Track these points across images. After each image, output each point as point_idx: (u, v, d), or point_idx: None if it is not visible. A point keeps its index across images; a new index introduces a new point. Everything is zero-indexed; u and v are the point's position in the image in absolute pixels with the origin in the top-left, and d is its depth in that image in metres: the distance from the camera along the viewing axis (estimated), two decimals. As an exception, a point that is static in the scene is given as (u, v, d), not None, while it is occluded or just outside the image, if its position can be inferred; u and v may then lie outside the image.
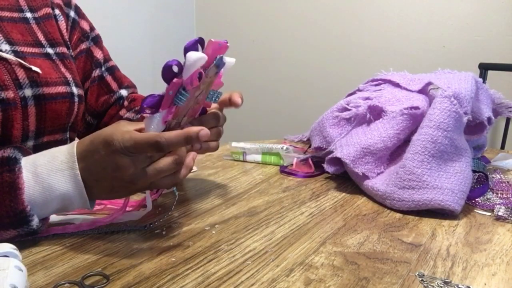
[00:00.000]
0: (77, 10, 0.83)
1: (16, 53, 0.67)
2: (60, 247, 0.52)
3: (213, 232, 0.57)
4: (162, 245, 0.53)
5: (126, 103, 0.85)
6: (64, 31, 0.78)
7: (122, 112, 0.84)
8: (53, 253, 0.51)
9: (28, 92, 0.65)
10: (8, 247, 0.42)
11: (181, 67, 0.51)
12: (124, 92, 0.85)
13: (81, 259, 0.50)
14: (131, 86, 0.88)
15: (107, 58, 0.85)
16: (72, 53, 0.80)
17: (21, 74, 0.65)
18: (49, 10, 0.76)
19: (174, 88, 0.51)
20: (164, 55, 2.25)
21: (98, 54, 0.83)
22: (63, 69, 0.74)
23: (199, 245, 0.53)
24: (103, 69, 0.83)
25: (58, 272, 0.47)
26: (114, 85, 0.84)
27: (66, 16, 0.79)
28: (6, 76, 0.63)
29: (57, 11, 0.77)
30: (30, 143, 0.67)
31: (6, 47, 0.66)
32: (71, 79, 0.73)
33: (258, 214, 0.63)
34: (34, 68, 0.67)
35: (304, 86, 2.17)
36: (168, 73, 0.51)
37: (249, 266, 0.49)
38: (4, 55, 0.64)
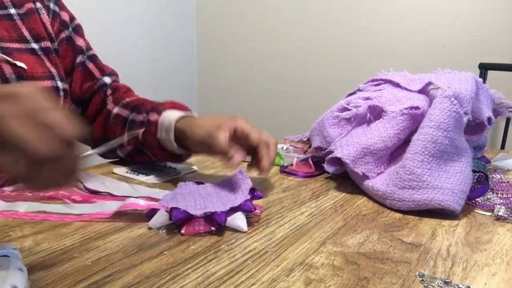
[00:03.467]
0: (57, 1, 0.83)
1: (1, 49, 0.69)
2: (60, 247, 0.52)
3: (213, 232, 0.57)
4: (162, 245, 0.53)
5: (109, 91, 0.85)
6: (47, 23, 0.79)
7: (110, 106, 0.84)
8: (53, 253, 0.51)
9: None
10: (9, 247, 0.42)
11: None
12: (107, 80, 0.86)
13: (81, 259, 0.49)
14: (113, 74, 0.89)
15: (88, 47, 0.86)
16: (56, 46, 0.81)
17: (7, 70, 0.67)
18: (31, 5, 0.77)
19: None
20: (164, 56, 2.25)
21: (80, 42, 0.84)
22: (48, 64, 0.75)
23: (199, 245, 0.53)
24: (85, 56, 0.84)
25: (58, 272, 0.47)
26: (96, 73, 0.85)
27: (47, 8, 0.80)
28: None
29: (38, 4, 0.78)
30: None
31: None
32: (56, 73, 0.75)
33: (258, 214, 0.63)
34: (19, 64, 0.68)
35: (304, 86, 2.17)
36: None
37: (249, 266, 0.49)
38: None
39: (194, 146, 0.72)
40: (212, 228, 0.57)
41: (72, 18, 0.85)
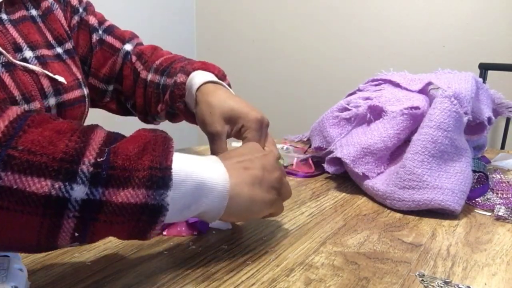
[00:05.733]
0: None
1: (38, 59, 0.67)
2: (60, 247, 0.52)
3: (213, 232, 0.57)
4: (162, 245, 0.53)
5: (134, 58, 0.82)
6: (62, 20, 0.76)
7: (143, 74, 0.80)
8: (53, 253, 0.51)
9: (52, 101, 0.66)
10: (8, 247, 0.42)
11: None
12: (128, 47, 0.82)
13: (81, 259, 0.50)
14: (133, 38, 0.85)
15: (101, 21, 0.83)
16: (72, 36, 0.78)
17: (46, 83, 0.66)
18: (46, 3, 0.74)
19: None
20: (164, 55, 2.25)
21: (92, 21, 0.81)
22: (74, 69, 0.74)
23: (199, 245, 0.53)
24: (100, 32, 0.81)
25: (58, 272, 0.47)
26: (117, 44, 0.82)
27: (58, 0, 0.77)
28: (32, 87, 0.64)
29: (50, 0, 0.75)
30: None
31: (29, 53, 0.66)
32: (81, 79, 0.74)
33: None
34: (59, 78, 0.67)
35: (304, 86, 2.17)
36: None
37: (249, 266, 0.49)
38: (31, 67, 0.65)
39: (195, 118, 0.70)
40: (194, 233, 0.57)
41: (80, 0, 0.82)
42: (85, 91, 0.74)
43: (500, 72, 1.67)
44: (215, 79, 0.71)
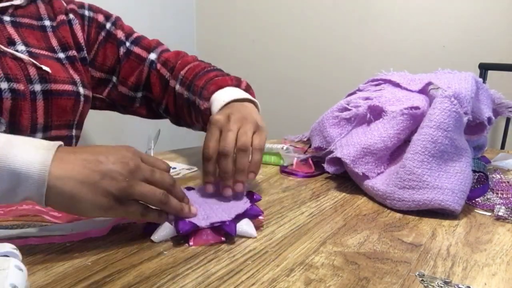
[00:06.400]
0: (91, 7, 0.87)
1: (30, 53, 0.72)
2: (60, 247, 0.52)
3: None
4: (162, 245, 0.53)
5: (159, 65, 0.87)
6: (79, 33, 0.81)
7: (172, 83, 0.85)
8: (53, 253, 0.51)
9: (37, 87, 0.70)
10: (8, 247, 0.42)
11: None
12: (153, 56, 0.87)
13: (81, 259, 0.50)
14: (157, 46, 0.89)
15: (130, 33, 0.88)
16: (92, 51, 0.84)
17: (32, 71, 0.70)
18: (63, 17, 0.80)
19: None
20: (164, 55, 2.25)
21: (120, 35, 0.86)
22: (71, 71, 0.78)
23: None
24: (127, 44, 0.86)
25: (58, 272, 0.47)
26: (144, 54, 0.87)
27: (81, 17, 0.83)
28: (18, 72, 0.69)
29: (71, 16, 0.81)
30: (39, 135, 0.71)
31: (22, 47, 0.71)
32: (78, 80, 0.78)
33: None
34: (44, 67, 0.71)
35: (304, 86, 2.16)
36: None
37: (249, 266, 0.49)
38: (19, 54, 0.69)
39: None
40: (222, 239, 0.54)
41: (108, 16, 0.87)
42: (81, 90, 0.78)
43: (500, 72, 1.67)
44: (233, 95, 0.75)
